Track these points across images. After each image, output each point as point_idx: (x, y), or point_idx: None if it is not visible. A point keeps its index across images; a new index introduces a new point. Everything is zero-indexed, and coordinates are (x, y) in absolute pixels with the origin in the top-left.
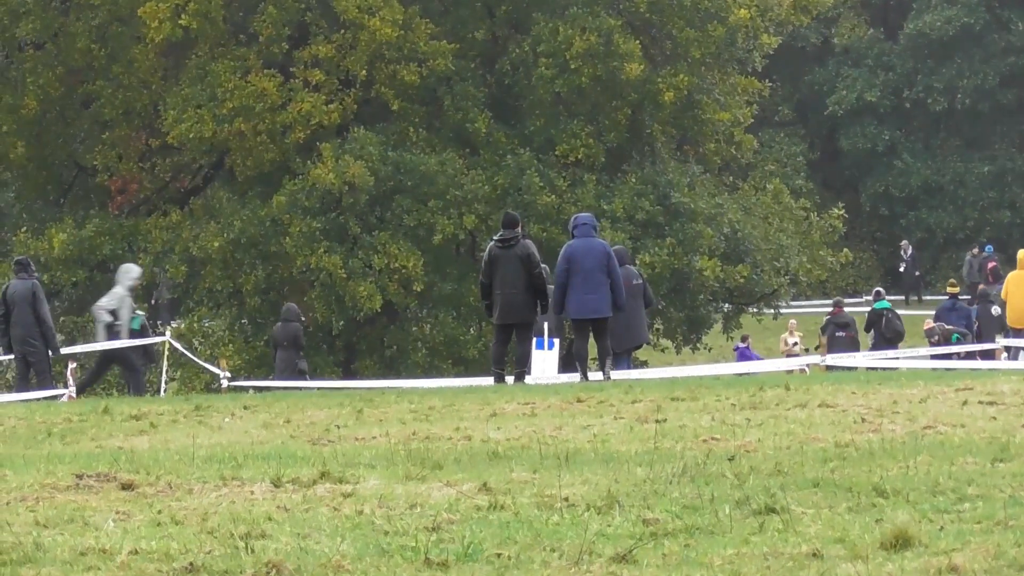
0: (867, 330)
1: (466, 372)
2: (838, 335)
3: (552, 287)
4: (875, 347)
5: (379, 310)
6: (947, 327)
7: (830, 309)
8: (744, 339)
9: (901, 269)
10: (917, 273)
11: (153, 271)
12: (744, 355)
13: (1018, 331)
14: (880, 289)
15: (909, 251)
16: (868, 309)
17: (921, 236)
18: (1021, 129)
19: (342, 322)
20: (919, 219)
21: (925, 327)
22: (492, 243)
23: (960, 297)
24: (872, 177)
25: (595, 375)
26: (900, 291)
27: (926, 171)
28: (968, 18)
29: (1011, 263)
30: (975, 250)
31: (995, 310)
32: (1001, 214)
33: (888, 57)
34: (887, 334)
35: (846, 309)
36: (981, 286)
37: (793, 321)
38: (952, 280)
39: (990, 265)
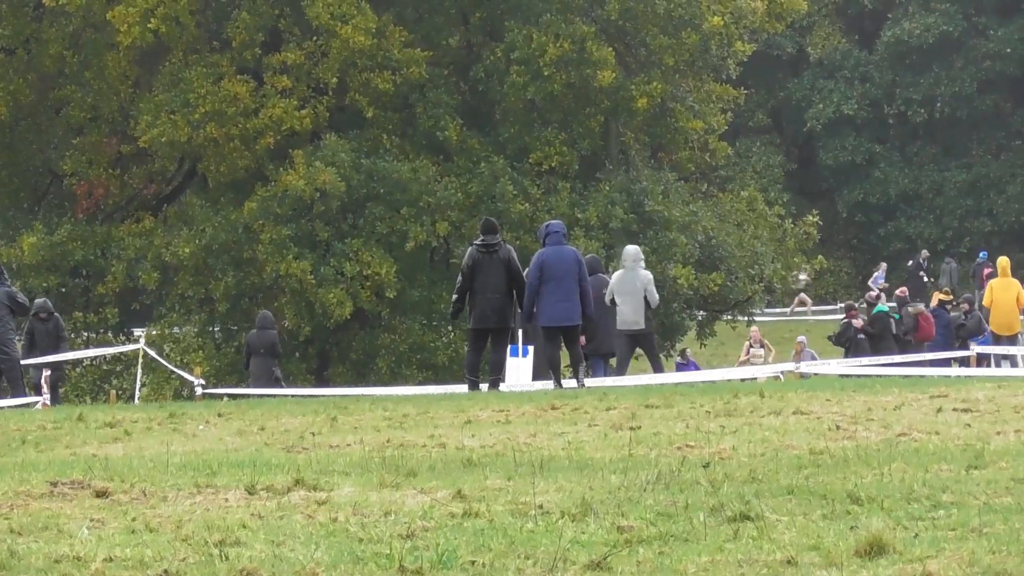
0: (875, 333)
1: (435, 379)
2: (859, 338)
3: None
4: (878, 351)
5: (349, 317)
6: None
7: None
8: (683, 353)
9: (924, 279)
10: (930, 280)
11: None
12: (682, 368)
13: (1004, 338)
14: (877, 293)
15: (924, 259)
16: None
17: (900, 247)
18: (997, 136)
19: (309, 328)
20: (898, 229)
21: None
22: (473, 248)
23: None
24: (850, 186)
25: (568, 382)
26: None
27: (904, 180)
28: (946, 26)
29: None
30: (947, 259)
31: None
32: (980, 222)
33: (865, 68)
34: (901, 335)
35: (823, 318)
36: (966, 294)
37: (755, 329)
38: (946, 288)
39: (986, 271)
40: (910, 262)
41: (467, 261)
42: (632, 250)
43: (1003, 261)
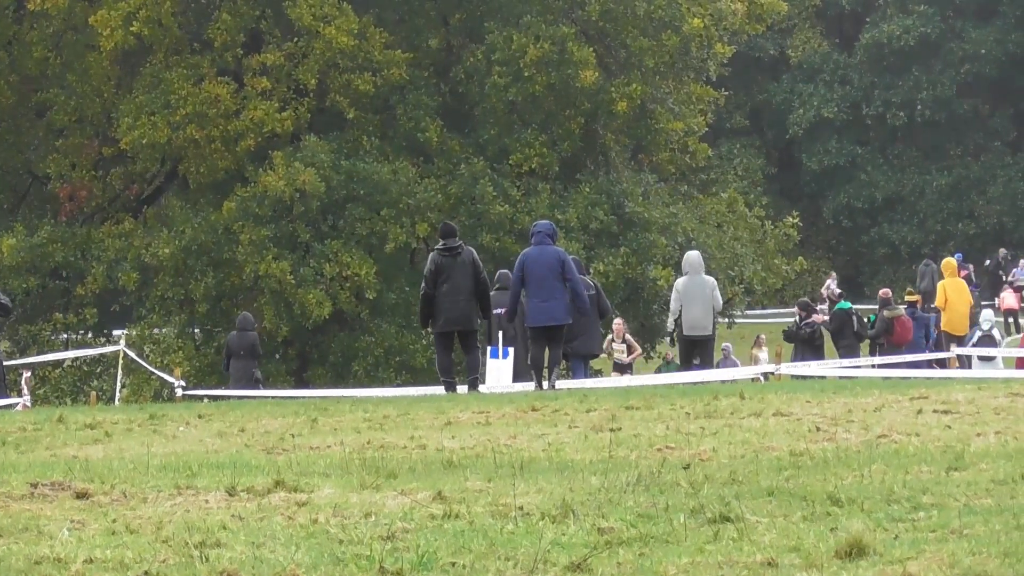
0: (837, 332)
1: (413, 381)
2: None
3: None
4: (847, 348)
5: (328, 318)
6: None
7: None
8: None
9: (1003, 278)
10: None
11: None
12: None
13: (958, 338)
14: (840, 291)
15: (1003, 257)
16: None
17: (884, 251)
18: (977, 138)
19: (287, 330)
20: (881, 234)
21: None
22: (435, 253)
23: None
24: (834, 191)
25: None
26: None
27: (887, 184)
28: (924, 27)
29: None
30: (927, 261)
31: (985, 323)
32: (964, 224)
33: (844, 71)
34: (862, 332)
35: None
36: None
37: (619, 322)
38: (910, 289)
39: (962, 274)
40: (987, 261)
41: (429, 266)
42: (695, 256)
43: (950, 262)
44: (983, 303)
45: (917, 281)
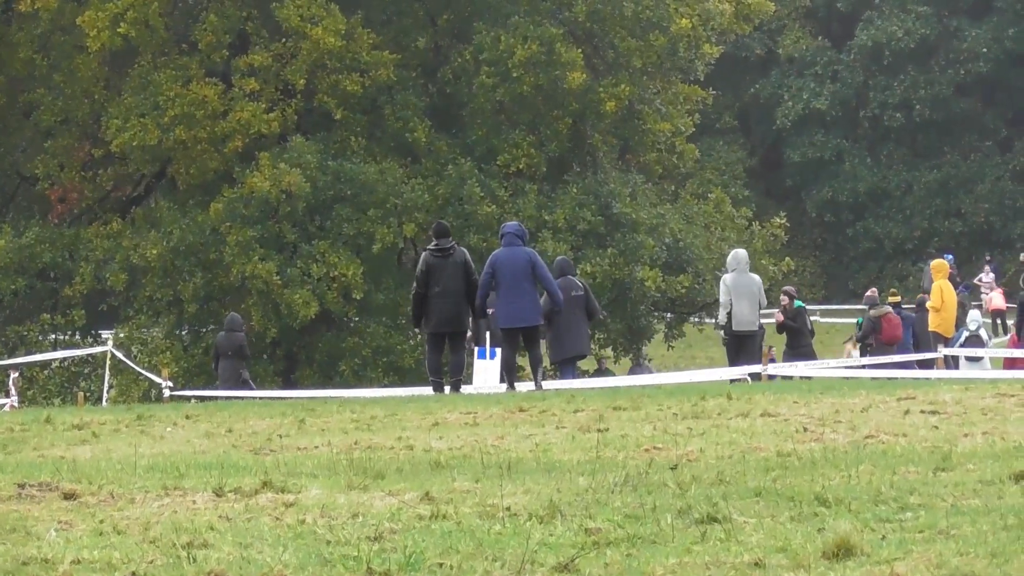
0: (798, 332)
1: (401, 382)
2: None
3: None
4: (800, 346)
5: (314, 318)
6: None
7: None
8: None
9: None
10: None
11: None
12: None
13: (946, 339)
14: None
15: None
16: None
17: (868, 246)
18: (970, 137)
19: (275, 330)
20: (866, 228)
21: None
22: (427, 253)
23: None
24: (818, 184)
25: (526, 385)
26: None
27: (872, 178)
28: (924, 28)
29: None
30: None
31: (972, 324)
32: (950, 222)
33: (836, 67)
34: (814, 331)
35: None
36: (920, 295)
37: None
38: (893, 289)
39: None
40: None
41: (421, 267)
42: (742, 253)
43: (944, 264)
44: (973, 303)
45: (924, 283)
